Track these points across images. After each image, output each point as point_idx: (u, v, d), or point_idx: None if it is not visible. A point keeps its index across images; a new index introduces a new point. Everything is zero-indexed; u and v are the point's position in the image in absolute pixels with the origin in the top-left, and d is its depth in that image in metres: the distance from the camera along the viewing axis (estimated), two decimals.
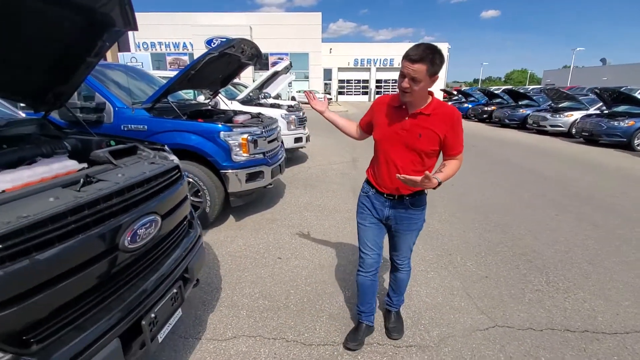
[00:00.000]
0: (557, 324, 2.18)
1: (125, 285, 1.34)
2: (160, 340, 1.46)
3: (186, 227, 1.90)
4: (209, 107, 4.74)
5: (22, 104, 2.08)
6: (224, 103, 5.72)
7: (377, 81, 40.68)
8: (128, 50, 13.50)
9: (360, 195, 1.95)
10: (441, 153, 1.72)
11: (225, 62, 4.02)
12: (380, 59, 39.31)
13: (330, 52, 38.60)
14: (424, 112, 1.61)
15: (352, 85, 41.97)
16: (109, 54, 22.33)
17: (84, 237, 1.11)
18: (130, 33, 12.36)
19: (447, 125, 1.61)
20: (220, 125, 3.43)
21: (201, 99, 5.07)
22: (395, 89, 40.90)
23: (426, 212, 1.91)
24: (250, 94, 7.13)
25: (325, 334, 2.10)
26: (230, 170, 3.48)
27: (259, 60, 4.37)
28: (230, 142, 3.45)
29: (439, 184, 1.52)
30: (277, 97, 13.53)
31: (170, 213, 1.61)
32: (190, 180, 3.41)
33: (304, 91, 2.32)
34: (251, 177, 3.64)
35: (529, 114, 13.06)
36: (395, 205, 1.81)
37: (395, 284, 2.10)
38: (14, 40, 1.53)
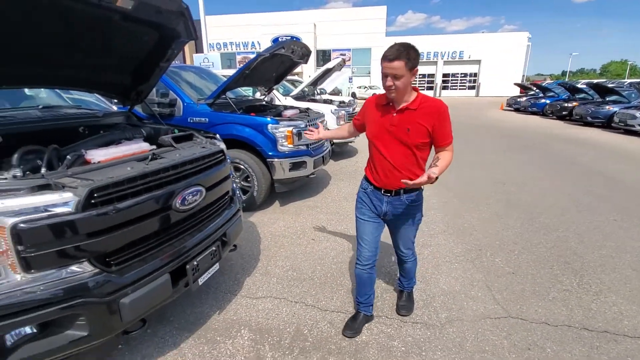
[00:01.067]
0: (576, 322, 2.15)
1: (176, 237, 1.77)
2: (200, 283, 1.88)
3: (228, 201, 2.31)
4: (264, 103, 5.24)
5: (115, 100, 2.68)
6: (278, 99, 6.20)
7: (444, 75, 38.64)
8: (202, 51, 15.00)
9: (359, 191, 2.05)
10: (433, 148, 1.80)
11: (277, 61, 4.45)
12: (449, 52, 37.21)
13: None
14: (410, 107, 1.71)
15: (415, 80, 40.38)
16: (187, 55, 24.93)
17: (148, 196, 1.55)
18: (204, 36, 13.72)
19: (433, 118, 1.70)
20: (268, 119, 3.85)
21: (258, 95, 5.59)
22: (463, 82, 38.80)
23: (462, 208, 2.02)
24: (305, 90, 7.55)
25: (341, 304, 2.37)
26: (275, 159, 3.89)
27: (308, 58, 4.71)
28: (276, 133, 3.86)
29: (436, 178, 1.59)
30: (337, 92, 13.87)
31: (213, 187, 2.02)
32: (242, 167, 3.90)
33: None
34: (294, 167, 4.01)
35: (616, 111, 11.46)
36: (392, 201, 1.89)
37: (404, 271, 2.24)
38: (110, 50, 2.06)
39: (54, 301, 1.29)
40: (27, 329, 1.28)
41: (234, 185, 2.56)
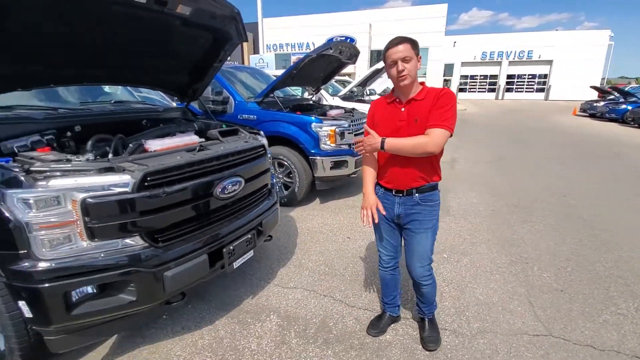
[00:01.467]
0: (627, 349, 1.94)
1: (215, 222, 1.94)
2: (234, 267, 2.04)
3: (266, 193, 2.46)
4: (311, 102, 5.38)
5: (174, 97, 2.98)
6: (325, 99, 6.32)
7: (509, 76, 35.91)
8: (259, 52, 15.74)
9: None
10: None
11: (325, 62, 4.56)
12: (515, 52, 34.48)
13: (454, 46, 35.94)
14: (417, 98, 1.66)
15: (476, 82, 38.18)
16: (245, 56, 26.25)
17: (192, 183, 1.73)
18: (260, 38, 14.37)
19: (433, 100, 1.62)
20: (312, 118, 3.97)
21: (306, 95, 5.76)
22: (531, 84, 35.64)
23: (513, 218, 1.91)
24: (354, 91, 7.58)
25: (369, 301, 2.39)
26: (317, 157, 4.00)
27: (356, 59, 4.75)
28: (319, 132, 3.96)
29: (382, 144, 1.62)
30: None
31: (252, 179, 2.17)
32: (285, 163, 4.07)
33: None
34: (336, 165, 4.09)
35: None
36: (404, 201, 1.78)
37: (421, 297, 1.99)
38: (171, 53, 2.31)
39: (111, 267, 1.51)
40: (89, 289, 1.52)
41: (273, 179, 2.70)
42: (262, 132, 2.64)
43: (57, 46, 1.78)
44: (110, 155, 1.87)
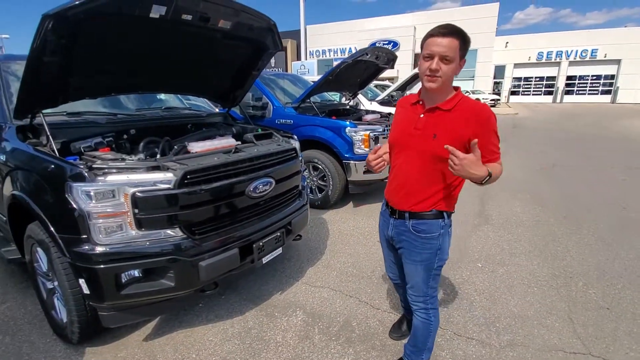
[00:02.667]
0: None
1: (247, 219, 2.08)
2: (263, 262, 2.16)
3: (296, 194, 2.57)
4: (347, 107, 5.46)
5: (217, 103, 3.22)
6: (362, 103, 6.36)
7: (569, 78, 33.12)
8: (301, 58, 16.17)
9: None
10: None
11: (361, 67, 4.62)
12: (577, 50, 31.77)
13: (506, 47, 33.99)
14: (443, 107, 1.34)
15: (530, 84, 35.70)
16: (288, 62, 27.02)
17: (227, 181, 1.89)
18: (302, 45, 14.78)
19: (471, 126, 1.30)
20: (347, 122, 4.04)
21: (343, 100, 5.84)
22: (595, 86, 32.51)
23: (559, 230, 1.63)
24: (393, 95, 7.53)
25: (394, 304, 2.39)
26: (351, 161, 4.05)
27: (394, 63, 4.76)
28: (353, 136, 4.01)
29: (489, 176, 1.25)
30: None
31: (282, 180, 2.29)
32: (320, 166, 4.17)
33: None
34: (369, 170, 4.10)
35: None
36: (397, 225, 1.52)
37: (411, 330, 1.69)
38: (213, 62, 2.52)
39: (155, 254, 1.70)
40: (136, 272, 1.72)
41: (305, 181, 2.81)
42: (295, 136, 2.76)
43: (119, 61, 2.04)
44: (158, 156, 2.10)
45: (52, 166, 1.67)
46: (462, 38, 1.29)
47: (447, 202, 1.45)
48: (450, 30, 1.27)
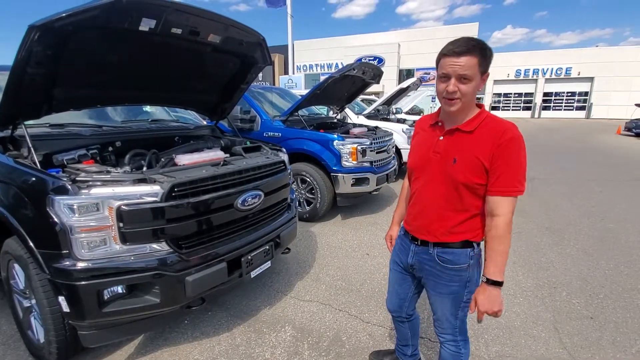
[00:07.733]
0: None
1: (235, 232, 2.05)
2: (252, 276, 2.13)
3: (285, 207, 2.56)
4: (335, 120, 5.53)
5: (205, 116, 3.21)
6: (349, 117, 6.45)
7: (546, 94, 34.56)
8: (288, 73, 16.37)
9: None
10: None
11: (349, 82, 4.71)
12: (552, 68, 33.29)
13: None
14: (463, 128, 1.23)
15: (510, 99, 37.06)
16: (276, 77, 27.32)
17: (215, 194, 1.87)
18: (290, 59, 15.00)
19: (492, 146, 1.16)
20: (335, 135, 4.08)
21: (331, 113, 5.92)
22: (570, 102, 34.04)
23: (542, 241, 1.64)
24: (379, 109, 7.67)
25: (384, 318, 2.38)
26: (339, 174, 4.08)
27: (380, 78, 4.87)
28: (341, 149, 4.06)
29: (501, 283, 1.19)
30: (419, 112, 13.60)
31: (271, 192, 2.28)
32: (308, 179, 4.18)
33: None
34: (357, 182, 4.14)
35: None
36: (419, 252, 1.40)
37: None
38: (202, 76, 2.52)
39: (139, 269, 1.65)
40: (119, 289, 1.66)
41: (293, 194, 2.80)
42: (283, 149, 2.77)
43: (105, 73, 2.02)
44: (144, 168, 2.06)
45: (33, 179, 1.61)
46: (480, 52, 1.14)
47: (473, 230, 1.30)
48: (466, 48, 1.12)
